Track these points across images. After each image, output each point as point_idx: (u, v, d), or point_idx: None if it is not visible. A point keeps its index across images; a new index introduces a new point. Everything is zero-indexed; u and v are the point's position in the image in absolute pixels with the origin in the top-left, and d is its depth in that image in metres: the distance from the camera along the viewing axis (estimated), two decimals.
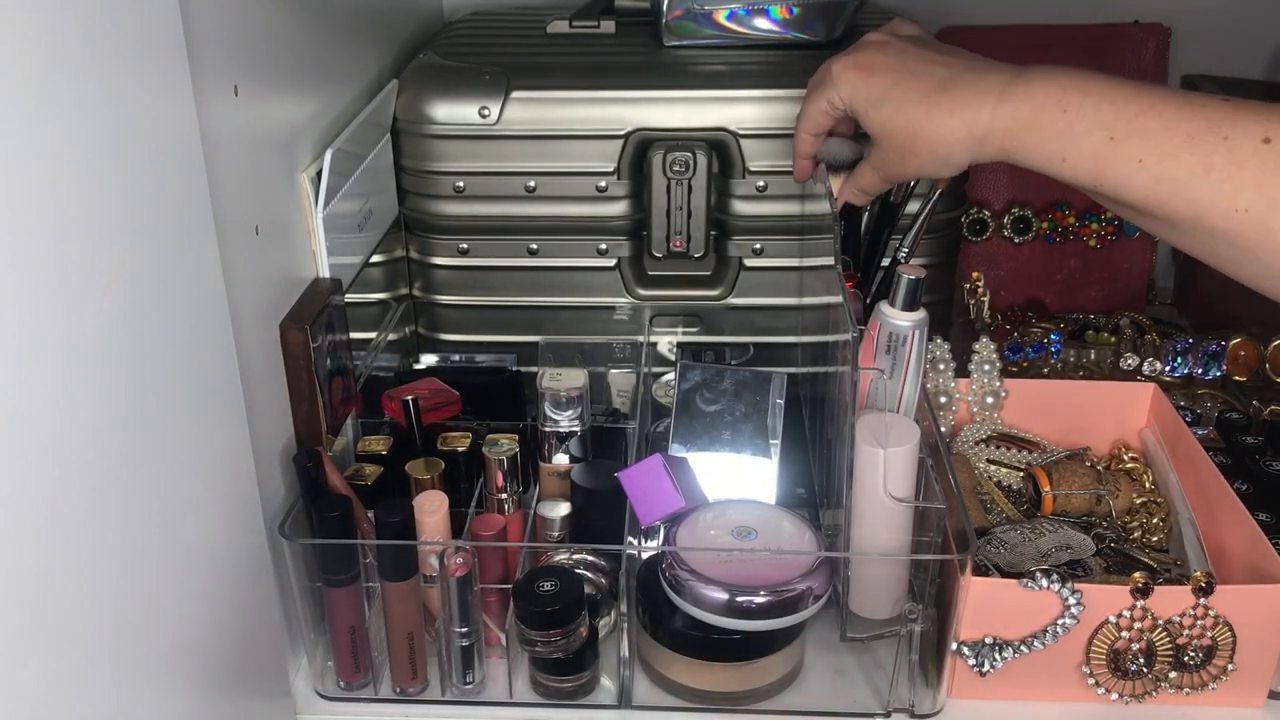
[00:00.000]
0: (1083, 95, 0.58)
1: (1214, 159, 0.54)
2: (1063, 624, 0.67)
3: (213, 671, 0.58)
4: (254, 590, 0.63)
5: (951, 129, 0.63)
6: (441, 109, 0.85)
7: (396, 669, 0.70)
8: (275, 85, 0.69)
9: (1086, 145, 0.58)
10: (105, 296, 0.47)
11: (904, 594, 0.70)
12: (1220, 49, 1.10)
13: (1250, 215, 0.54)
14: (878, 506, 0.68)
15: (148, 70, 0.50)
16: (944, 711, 0.70)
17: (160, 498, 0.51)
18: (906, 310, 0.69)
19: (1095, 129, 0.58)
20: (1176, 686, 0.69)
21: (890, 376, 0.70)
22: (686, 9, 0.90)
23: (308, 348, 0.68)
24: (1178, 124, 0.55)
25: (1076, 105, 0.59)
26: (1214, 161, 0.54)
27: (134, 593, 0.49)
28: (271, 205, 0.67)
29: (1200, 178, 0.55)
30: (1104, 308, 1.11)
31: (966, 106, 0.63)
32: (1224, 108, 0.55)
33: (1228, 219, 0.54)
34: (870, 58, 0.68)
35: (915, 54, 0.67)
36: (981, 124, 0.62)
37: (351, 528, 0.67)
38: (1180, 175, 0.55)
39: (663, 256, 0.90)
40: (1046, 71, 0.61)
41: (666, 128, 0.86)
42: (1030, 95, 0.60)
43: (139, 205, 0.49)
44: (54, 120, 0.43)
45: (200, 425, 0.56)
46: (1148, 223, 0.59)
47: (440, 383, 0.82)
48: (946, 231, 0.90)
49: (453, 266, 0.90)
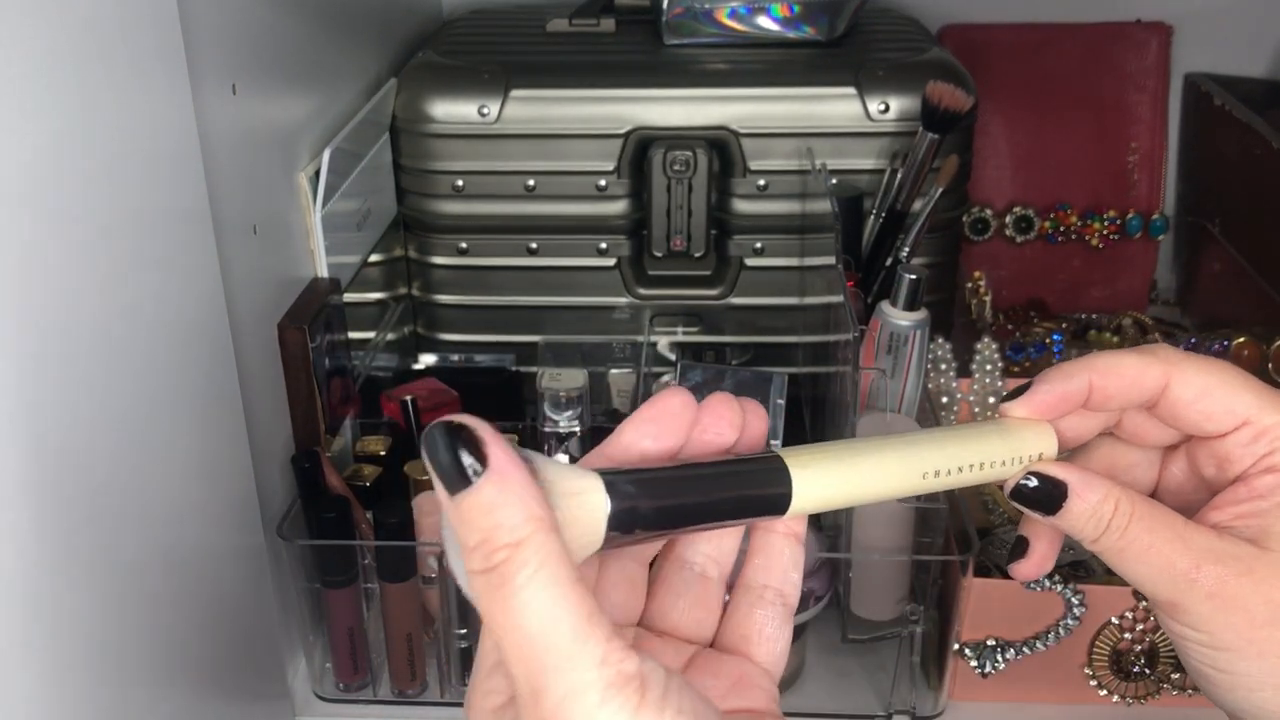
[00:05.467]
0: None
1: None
2: (1065, 625, 0.67)
3: (210, 673, 0.57)
4: (252, 591, 0.63)
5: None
6: (440, 108, 0.85)
7: (395, 670, 0.70)
8: (273, 84, 0.68)
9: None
10: (102, 296, 0.46)
11: (905, 595, 0.70)
12: (1222, 47, 1.10)
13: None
14: (879, 507, 0.67)
15: (145, 69, 0.50)
16: (946, 713, 0.70)
17: (157, 498, 0.51)
18: (908, 310, 0.69)
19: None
20: (1179, 688, 0.68)
21: (891, 376, 0.70)
22: (687, 7, 0.90)
23: (306, 348, 0.68)
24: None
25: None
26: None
27: (131, 593, 0.49)
28: (270, 204, 0.67)
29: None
30: (1106, 307, 1.11)
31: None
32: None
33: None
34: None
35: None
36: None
37: (350, 529, 0.67)
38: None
39: (663, 256, 0.89)
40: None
41: (667, 126, 0.85)
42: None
43: (136, 204, 0.49)
44: (51, 119, 0.43)
45: (198, 425, 0.55)
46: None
47: (439, 383, 0.82)
48: (948, 231, 0.90)
49: (452, 266, 0.90)
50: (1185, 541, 0.38)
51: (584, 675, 0.27)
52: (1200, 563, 0.38)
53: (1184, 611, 0.39)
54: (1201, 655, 0.39)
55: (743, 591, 0.37)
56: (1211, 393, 0.39)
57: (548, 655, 0.27)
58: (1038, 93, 1.09)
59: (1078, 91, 1.09)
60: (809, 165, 0.84)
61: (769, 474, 0.35)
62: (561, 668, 0.27)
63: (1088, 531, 0.39)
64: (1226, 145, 1.03)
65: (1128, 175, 1.10)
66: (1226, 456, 0.40)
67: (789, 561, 0.37)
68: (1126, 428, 0.42)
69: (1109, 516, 0.39)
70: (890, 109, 0.83)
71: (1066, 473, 0.39)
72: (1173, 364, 0.40)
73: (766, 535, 0.37)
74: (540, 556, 0.27)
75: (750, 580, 0.37)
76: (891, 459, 0.37)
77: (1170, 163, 1.11)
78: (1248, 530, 0.39)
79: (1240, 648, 0.38)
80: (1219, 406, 0.39)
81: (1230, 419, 0.39)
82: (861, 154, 0.85)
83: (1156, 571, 0.39)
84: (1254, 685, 0.39)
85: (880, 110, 0.83)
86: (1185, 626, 0.39)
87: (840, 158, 0.84)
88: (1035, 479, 0.39)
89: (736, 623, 0.37)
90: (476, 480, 0.28)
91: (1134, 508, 0.39)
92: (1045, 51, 1.09)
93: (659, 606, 0.37)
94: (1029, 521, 0.42)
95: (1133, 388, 0.40)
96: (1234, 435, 0.40)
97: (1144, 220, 1.10)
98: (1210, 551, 0.38)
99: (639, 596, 0.37)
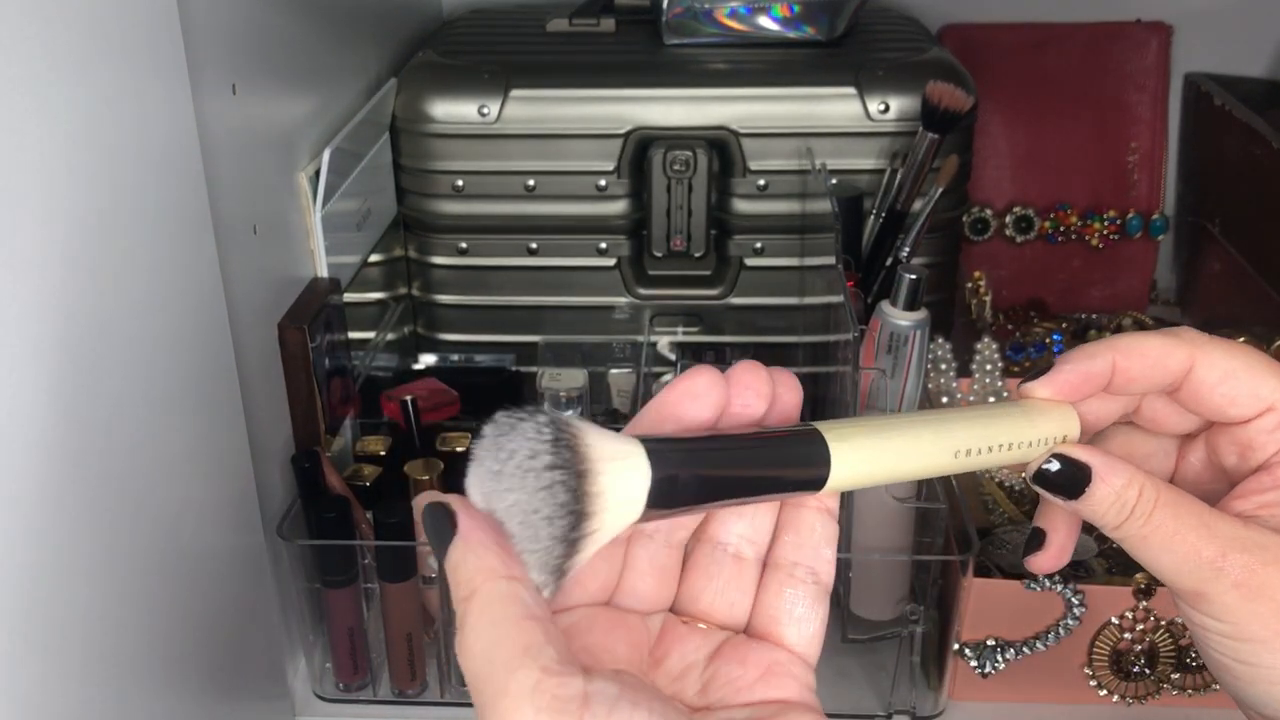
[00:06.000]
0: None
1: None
2: (1065, 625, 0.67)
3: (210, 673, 0.57)
4: (252, 591, 0.63)
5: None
6: (440, 107, 0.85)
7: (395, 670, 0.70)
8: (273, 84, 0.68)
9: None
10: (102, 296, 0.46)
11: (905, 595, 0.70)
12: (1222, 47, 1.10)
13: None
14: (879, 506, 0.67)
15: (145, 69, 0.49)
16: (946, 713, 0.70)
17: (157, 498, 0.51)
18: (908, 310, 0.69)
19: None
20: (1179, 688, 0.68)
21: (891, 376, 0.70)
22: (687, 7, 0.90)
23: (306, 348, 0.68)
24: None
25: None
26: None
27: (131, 593, 0.49)
28: (269, 204, 0.67)
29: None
30: (1106, 307, 1.11)
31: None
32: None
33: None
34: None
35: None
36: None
37: (350, 528, 0.67)
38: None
39: (663, 256, 0.89)
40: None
41: (667, 126, 0.85)
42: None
43: (136, 204, 0.49)
44: (50, 119, 0.43)
45: (198, 425, 0.55)
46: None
47: (439, 383, 0.82)
48: (948, 231, 0.90)
49: (452, 266, 0.90)
50: (1211, 529, 0.37)
51: (514, 702, 0.29)
52: (1226, 551, 0.37)
53: (1208, 601, 0.37)
54: (1224, 647, 0.38)
55: (772, 571, 0.36)
56: (1237, 375, 0.38)
57: (486, 686, 0.30)
58: (1038, 93, 1.09)
59: (1078, 91, 1.09)
60: (809, 165, 0.84)
61: (807, 446, 0.34)
62: (496, 696, 0.29)
63: (1110, 517, 0.38)
64: (1226, 145, 1.03)
65: (1128, 175, 1.10)
66: (1250, 443, 0.39)
67: (821, 537, 0.36)
68: (1145, 414, 0.41)
69: (1133, 502, 0.37)
70: (890, 109, 0.83)
71: (1090, 456, 0.38)
72: (1198, 346, 0.39)
73: (797, 510, 0.36)
74: (483, 603, 0.30)
75: (780, 558, 0.36)
76: (925, 436, 0.36)
77: (1170, 163, 1.11)
78: (1273, 519, 0.38)
79: (1266, 639, 0.37)
80: (1244, 390, 0.38)
81: (1255, 403, 0.39)
82: (861, 154, 0.85)
83: (1181, 559, 0.37)
84: (1277, 679, 0.38)
85: (880, 110, 0.83)
86: (1209, 617, 0.38)
87: (840, 158, 0.84)
88: (1058, 462, 0.38)
89: (766, 604, 0.36)
90: (448, 546, 0.31)
91: (1159, 494, 0.38)
92: (1045, 51, 1.09)
93: (690, 590, 0.37)
94: (1045, 512, 0.41)
95: (1156, 369, 0.39)
96: (1258, 421, 0.39)
97: (1144, 220, 1.10)
98: (1236, 539, 0.37)
99: (669, 584, 0.36)
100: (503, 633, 0.30)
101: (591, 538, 0.31)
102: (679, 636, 0.36)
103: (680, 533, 0.37)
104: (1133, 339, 0.39)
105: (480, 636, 0.30)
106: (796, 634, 0.36)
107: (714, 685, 0.35)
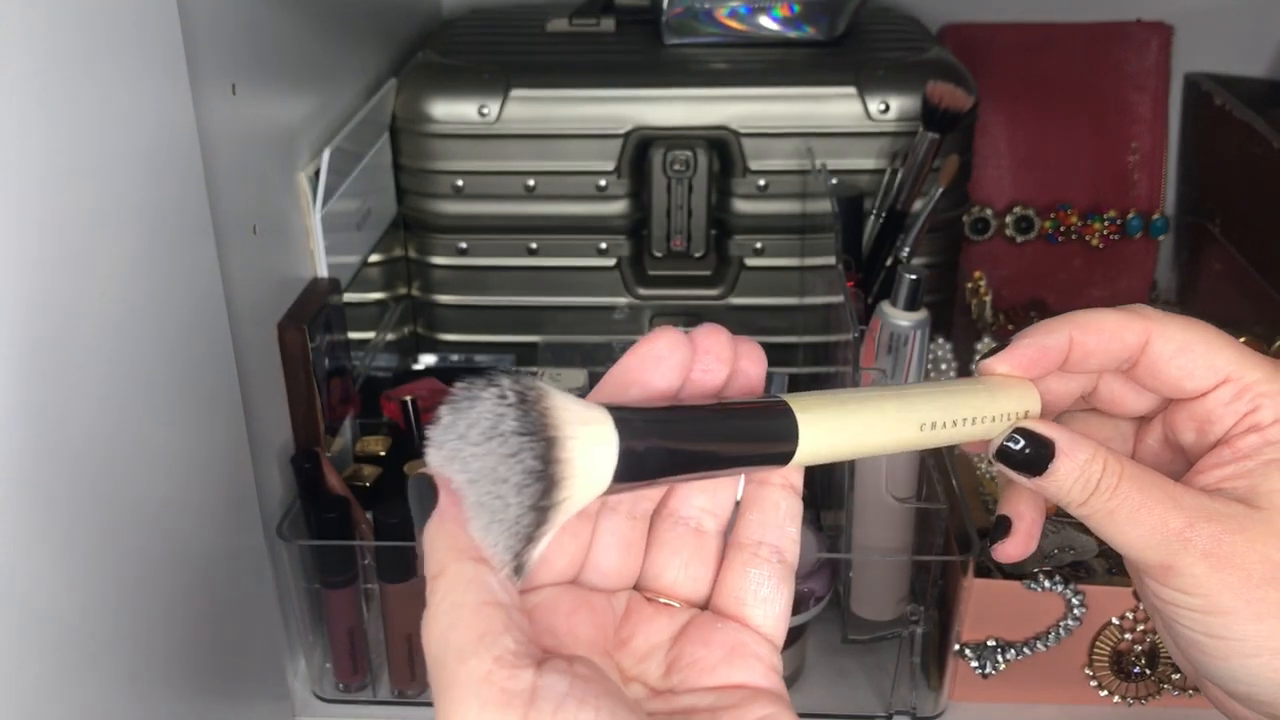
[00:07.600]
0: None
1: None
2: (1065, 625, 0.67)
3: (210, 673, 0.57)
4: (251, 592, 0.63)
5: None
6: (440, 108, 0.85)
7: (395, 671, 0.70)
8: (273, 84, 0.68)
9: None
10: (101, 296, 0.46)
11: (905, 595, 0.70)
12: (1222, 47, 1.10)
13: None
14: (879, 507, 0.67)
15: (145, 68, 0.49)
16: (946, 713, 0.70)
17: (157, 499, 0.51)
18: (908, 310, 0.69)
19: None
20: (1179, 688, 0.68)
21: (892, 376, 0.70)
22: (687, 7, 0.90)
23: (305, 348, 0.68)
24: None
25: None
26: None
27: (130, 593, 0.49)
28: (269, 204, 0.67)
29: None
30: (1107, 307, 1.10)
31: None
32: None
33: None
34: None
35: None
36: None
37: (350, 529, 0.67)
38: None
39: (663, 256, 0.89)
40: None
41: (667, 126, 0.85)
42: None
43: (136, 204, 0.49)
44: (49, 118, 0.43)
45: (197, 426, 0.55)
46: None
47: (439, 383, 0.82)
48: (948, 231, 0.90)
49: (452, 266, 0.89)
50: (1176, 500, 0.37)
51: (462, 692, 0.29)
52: (1194, 520, 0.37)
53: (1178, 575, 0.37)
54: (1195, 622, 0.38)
55: (736, 550, 0.36)
56: (1192, 348, 0.38)
57: (440, 672, 0.29)
58: (1038, 93, 1.09)
59: (1078, 91, 1.09)
60: (809, 165, 0.84)
61: (774, 418, 0.33)
62: (447, 685, 0.29)
63: (1075, 494, 0.38)
64: (1227, 145, 1.03)
65: (1128, 175, 1.10)
66: (1207, 417, 0.39)
67: (785, 514, 0.36)
68: (1103, 395, 0.41)
69: (1098, 476, 0.37)
70: (890, 109, 0.83)
71: (1053, 431, 0.38)
72: (1154, 320, 0.39)
73: (761, 488, 0.36)
74: (448, 584, 0.30)
75: (744, 537, 0.36)
76: (890, 409, 0.36)
77: (1170, 163, 1.11)
78: (1235, 491, 0.38)
79: (1238, 609, 0.37)
80: (1199, 363, 0.38)
81: (1211, 375, 0.38)
82: (861, 154, 0.85)
83: (1149, 532, 0.37)
84: (1250, 650, 0.37)
85: (880, 110, 0.83)
86: (1179, 592, 0.37)
87: (840, 158, 0.84)
88: (1021, 438, 0.38)
89: (731, 585, 0.35)
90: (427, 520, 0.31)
91: (1122, 467, 0.37)
92: (1046, 51, 1.09)
93: (654, 565, 0.36)
94: (1009, 497, 0.41)
95: (1113, 343, 0.39)
96: (1214, 394, 0.39)
97: (1144, 220, 1.10)
98: (1203, 510, 0.37)
99: (635, 558, 0.36)
100: (460, 617, 0.29)
101: (561, 506, 0.30)
102: (645, 617, 0.35)
103: (644, 504, 0.36)
104: (1090, 314, 0.39)
105: (439, 620, 0.30)
106: (762, 615, 0.35)
107: (678, 666, 0.34)
